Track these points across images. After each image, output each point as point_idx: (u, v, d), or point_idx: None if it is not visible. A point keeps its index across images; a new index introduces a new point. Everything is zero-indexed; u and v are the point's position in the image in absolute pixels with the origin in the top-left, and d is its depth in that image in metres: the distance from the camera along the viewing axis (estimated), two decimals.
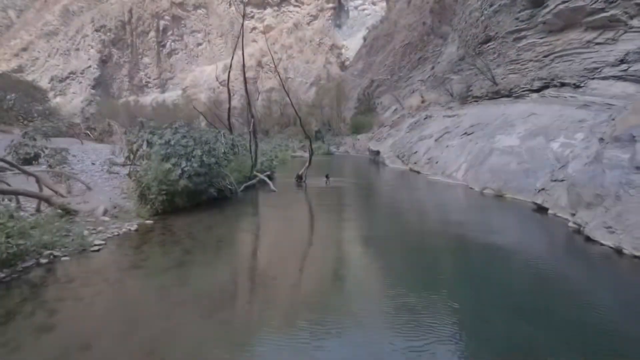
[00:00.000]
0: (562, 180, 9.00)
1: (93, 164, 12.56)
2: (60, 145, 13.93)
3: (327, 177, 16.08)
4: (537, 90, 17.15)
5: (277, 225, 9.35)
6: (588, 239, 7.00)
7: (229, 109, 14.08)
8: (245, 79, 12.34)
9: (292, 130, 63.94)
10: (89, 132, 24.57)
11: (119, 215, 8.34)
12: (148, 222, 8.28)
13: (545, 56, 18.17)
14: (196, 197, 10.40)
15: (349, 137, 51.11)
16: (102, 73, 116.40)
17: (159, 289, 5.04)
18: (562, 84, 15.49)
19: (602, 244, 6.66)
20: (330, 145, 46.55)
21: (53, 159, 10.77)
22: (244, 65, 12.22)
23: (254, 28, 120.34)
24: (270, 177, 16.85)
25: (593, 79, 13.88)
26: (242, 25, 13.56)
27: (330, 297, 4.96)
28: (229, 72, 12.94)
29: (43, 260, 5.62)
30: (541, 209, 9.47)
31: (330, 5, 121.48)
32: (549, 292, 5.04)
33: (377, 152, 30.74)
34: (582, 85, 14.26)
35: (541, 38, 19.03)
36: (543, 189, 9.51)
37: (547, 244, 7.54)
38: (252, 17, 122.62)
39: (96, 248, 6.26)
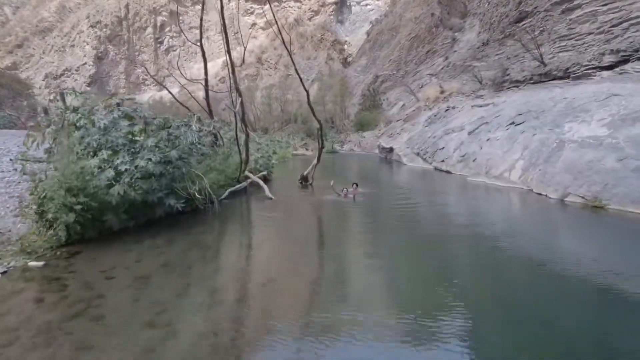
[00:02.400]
0: None
1: (12, 160, 8.84)
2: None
3: (355, 185, 10.43)
4: (610, 67, 13.38)
5: (269, 272, 4.86)
6: None
7: (206, 80, 10.23)
8: (226, 35, 8.49)
9: (293, 128, 60.37)
10: None
11: None
12: (34, 264, 4.53)
13: (613, 25, 14.41)
14: (146, 212, 6.66)
15: (353, 134, 47.43)
16: (98, 70, 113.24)
17: None
18: None
19: None
20: (334, 142, 42.64)
21: None
22: (224, 21, 8.41)
23: (254, 24, 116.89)
24: (266, 179, 13.11)
25: None
26: None
27: None
28: (201, 25, 9.15)
29: None
30: None
31: (332, 0, 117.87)
32: None
33: (390, 150, 26.96)
34: None
35: (604, 5, 15.27)
36: None
37: None
38: (252, 13, 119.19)
39: None
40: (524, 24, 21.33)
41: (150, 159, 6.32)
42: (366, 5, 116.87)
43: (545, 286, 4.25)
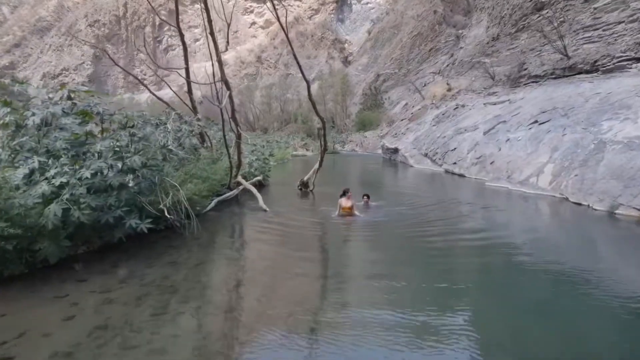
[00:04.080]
0: None
1: None
2: None
3: (366, 197, 8.88)
4: None
5: (254, 341, 3.19)
6: None
7: (187, 69, 8.69)
8: (208, 12, 6.99)
9: (293, 128, 59.01)
10: None
11: None
12: None
13: None
14: (102, 234, 5.19)
15: (355, 134, 46.00)
16: (96, 69, 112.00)
17: None
18: None
19: None
20: (335, 143, 40.98)
21: None
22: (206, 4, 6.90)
23: (253, 23, 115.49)
24: (261, 185, 11.63)
25: None
26: None
27: None
28: (177, 5, 7.68)
29: None
30: None
31: None
32: None
33: (395, 150, 25.49)
34: None
35: None
36: None
37: None
38: (252, 11, 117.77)
39: None
40: (539, 17, 19.87)
41: (101, 168, 4.83)
42: (367, 3, 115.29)
43: None
